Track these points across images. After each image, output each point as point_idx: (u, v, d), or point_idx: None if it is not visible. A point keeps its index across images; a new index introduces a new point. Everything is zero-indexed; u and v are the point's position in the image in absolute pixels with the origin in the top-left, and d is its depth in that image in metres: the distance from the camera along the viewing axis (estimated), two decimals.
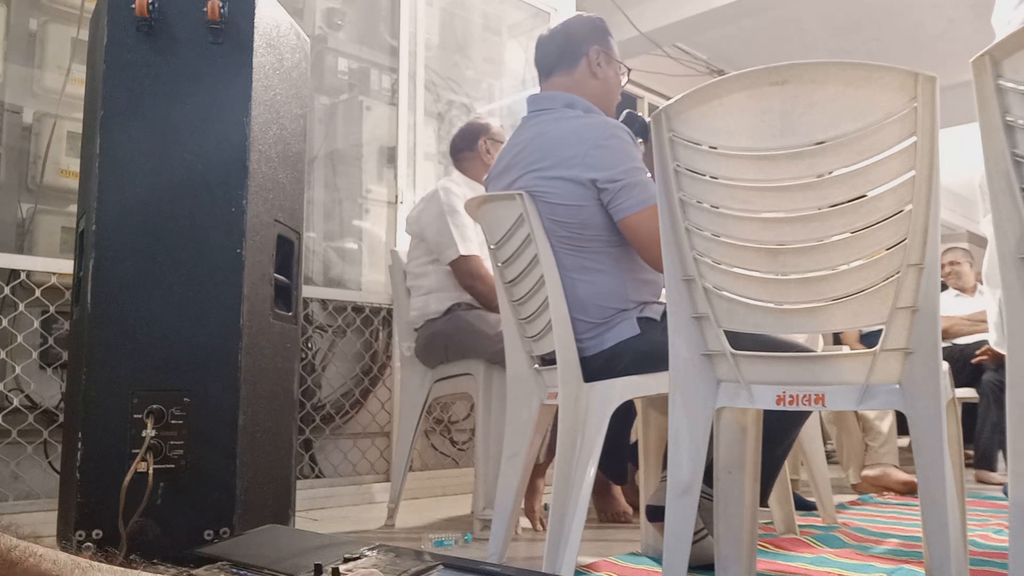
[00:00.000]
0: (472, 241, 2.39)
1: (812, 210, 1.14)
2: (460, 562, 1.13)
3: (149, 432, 1.40)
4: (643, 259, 1.70)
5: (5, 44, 2.42)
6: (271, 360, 1.61)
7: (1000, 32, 1.70)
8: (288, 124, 1.71)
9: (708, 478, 1.35)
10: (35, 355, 2.30)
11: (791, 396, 1.20)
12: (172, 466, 1.43)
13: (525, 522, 2.30)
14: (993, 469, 3.55)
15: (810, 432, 2.29)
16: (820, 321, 1.18)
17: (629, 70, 1.96)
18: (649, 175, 1.68)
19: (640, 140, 1.91)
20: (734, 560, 1.35)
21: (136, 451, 1.40)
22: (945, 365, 1.16)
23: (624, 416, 2.12)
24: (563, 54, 1.88)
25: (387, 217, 3.32)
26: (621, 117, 1.89)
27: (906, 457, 3.20)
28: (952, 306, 4.11)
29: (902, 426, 3.02)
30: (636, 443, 2.06)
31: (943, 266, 4.28)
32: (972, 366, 3.67)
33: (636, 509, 2.37)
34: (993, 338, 1.88)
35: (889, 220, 1.10)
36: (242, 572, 1.15)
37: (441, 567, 1.11)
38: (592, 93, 1.85)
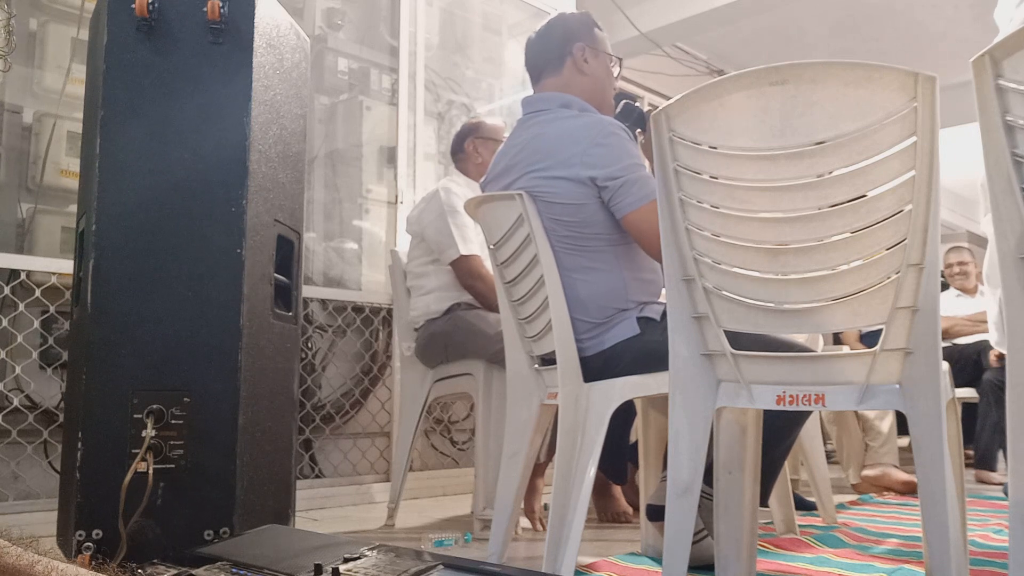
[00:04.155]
0: (472, 241, 2.39)
1: (812, 210, 1.14)
2: (460, 562, 1.13)
3: (149, 432, 1.40)
4: (648, 254, 1.70)
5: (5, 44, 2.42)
6: (271, 360, 1.61)
7: (1003, 28, 1.70)
8: (288, 124, 1.71)
9: (708, 478, 1.35)
10: (35, 355, 2.30)
11: (791, 396, 1.20)
12: (172, 466, 1.43)
13: (525, 522, 2.30)
14: (993, 469, 3.55)
15: (810, 432, 2.29)
16: (820, 321, 1.18)
17: (620, 60, 1.94)
18: (648, 170, 1.68)
19: (638, 130, 1.91)
20: (734, 560, 1.35)
21: (136, 451, 1.40)
22: (945, 365, 1.16)
23: (624, 416, 2.12)
24: (548, 57, 1.88)
25: (387, 217, 3.32)
26: (618, 108, 1.88)
27: (906, 457, 3.19)
28: (953, 306, 4.11)
29: (902, 426, 3.02)
30: (636, 443, 2.06)
31: (951, 265, 4.28)
32: (972, 366, 3.67)
33: (636, 509, 2.37)
34: (994, 338, 1.88)
35: (889, 220, 1.10)
36: (242, 572, 1.15)
37: (441, 567, 1.11)
38: (583, 91, 1.85)
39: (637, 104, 1.93)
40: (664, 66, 5.19)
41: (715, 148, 1.20)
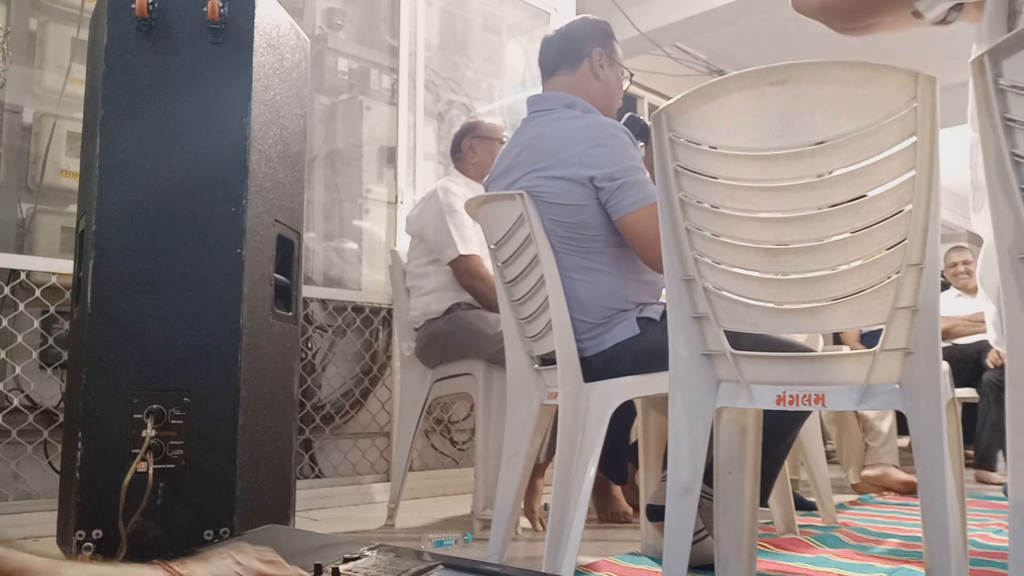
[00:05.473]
0: (471, 240, 2.39)
1: (812, 210, 1.14)
2: (460, 562, 1.13)
3: (149, 432, 1.40)
4: (641, 258, 1.70)
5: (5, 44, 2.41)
6: (271, 360, 1.61)
7: None
8: (288, 124, 1.71)
9: (708, 478, 1.35)
10: (35, 355, 2.30)
11: (791, 396, 1.20)
12: (172, 466, 1.43)
13: (525, 522, 2.30)
14: (993, 469, 3.55)
15: (810, 432, 2.29)
16: (820, 321, 1.18)
17: (632, 74, 1.97)
18: (648, 175, 1.68)
19: (641, 143, 1.92)
20: (734, 560, 1.35)
21: (136, 451, 1.40)
22: (945, 365, 1.16)
23: (624, 416, 2.12)
24: (566, 54, 1.89)
25: (387, 217, 3.32)
26: (623, 120, 1.90)
27: (906, 457, 3.19)
28: (953, 306, 4.11)
29: (902, 426, 3.02)
30: (636, 443, 2.06)
31: (955, 264, 4.27)
32: (972, 366, 3.67)
33: (636, 509, 2.37)
34: (993, 337, 1.88)
35: (889, 220, 1.10)
36: None
37: (441, 567, 1.11)
38: (593, 94, 1.86)
39: (641, 118, 1.95)
40: (664, 66, 5.19)
41: (715, 148, 1.20)
